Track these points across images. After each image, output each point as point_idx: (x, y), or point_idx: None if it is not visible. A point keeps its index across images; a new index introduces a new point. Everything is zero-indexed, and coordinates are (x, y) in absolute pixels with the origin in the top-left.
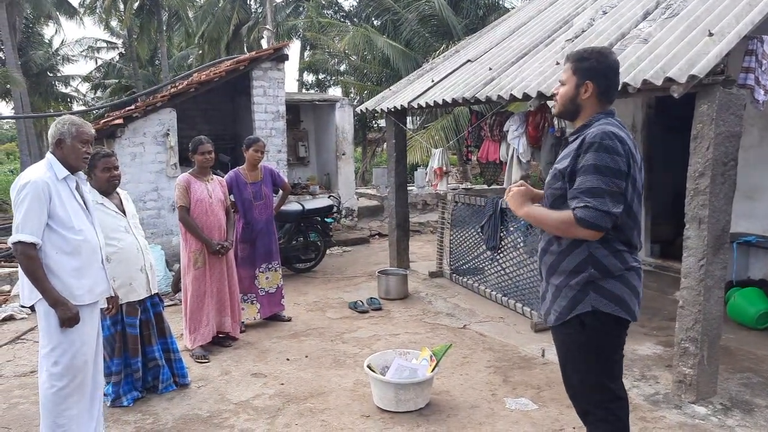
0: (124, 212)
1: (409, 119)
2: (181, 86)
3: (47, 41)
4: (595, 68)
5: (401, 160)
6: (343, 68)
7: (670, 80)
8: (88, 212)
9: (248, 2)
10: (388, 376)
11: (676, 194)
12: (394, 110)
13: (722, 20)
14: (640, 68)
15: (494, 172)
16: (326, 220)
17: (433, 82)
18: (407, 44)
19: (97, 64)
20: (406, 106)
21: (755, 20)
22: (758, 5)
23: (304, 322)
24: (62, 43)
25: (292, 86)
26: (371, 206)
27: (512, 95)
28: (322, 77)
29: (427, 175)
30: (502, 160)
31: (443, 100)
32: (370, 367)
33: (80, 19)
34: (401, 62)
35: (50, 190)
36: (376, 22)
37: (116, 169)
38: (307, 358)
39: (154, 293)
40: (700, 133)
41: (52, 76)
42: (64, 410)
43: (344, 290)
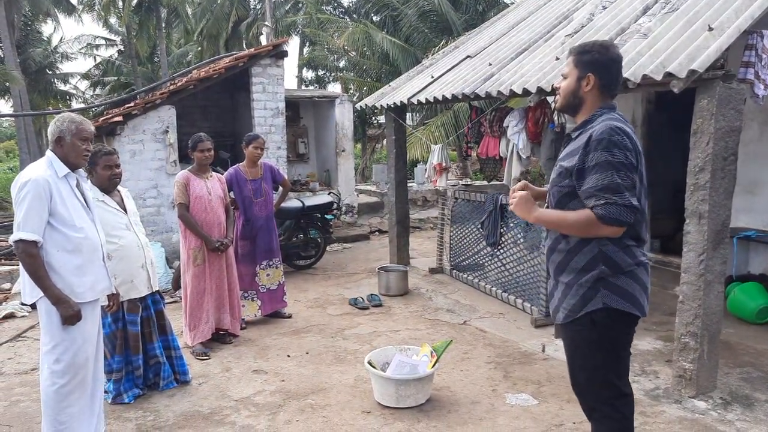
0: (125, 209)
1: (408, 115)
2: (180, 83)
3: (46, 39)
4: (597, 60)
5: (401, 156)
6: (342, 64)
7: (670, 75)
8: (88, 210)
9: None
10: (388, 372)
11: (676, 189)
12: (393, 106)
13: (722, 15)
14: (640, 63)
15: (494, 167)
16: (326, 216)
17: (432, 78)
18: (407, 40)
19: (96, 61)
20: (405, 102)
21: (755, 15)
22: (758, 0)
23: (304, 318)
24: (61, 40)
25: (291, 83)
26: (371, 203)
27: (512, 91)
28: (321, 73)
29: (426, 171)
30: (502, 155)
31: (443, 96)
32: (370, 363)
33: (79, 16)
34: (401, 58)
35: (51, 188)
36: (375, 17)
37: (118, 167)
38: (307, 354)
39: (155, 290)
40: (700, 128)
41: (51, 73)
42: (65, 407)
43: (344, 287)
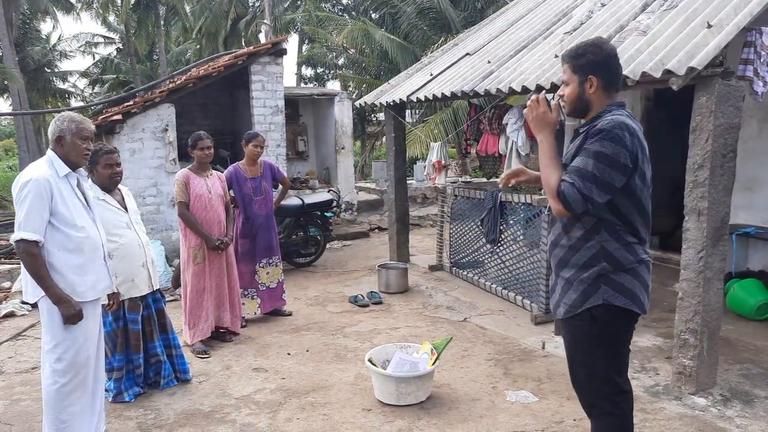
0: (125, 208)
1: (408, 113)
2: (179, 81)
3: (44, 37)
4: (594, 61)
5: (400, 153)
6: (341, 62)
7: (669, 72)
8: (89, 209)
9: None
10: (389, 369)
11: (675, 186)
12: (393, 104)
13: (721, 12)
14: (639, 60)
15: (493, 165)
16: (326, 214)
17: (431, 75)
18: (406, 37)
19: (94, 59)
20: (405, 99)
21: (754, 12)
22: None
23: (304, 316)
24: (59, 38)
25: (290, 80)
26: (371, 200)
27: (511, 88)
28: (320, 71)
29: (426, 168)
30: (501, 153)
31: (442, 93)
32: (371, 360)
33: (77, 14)
34: (400, 56)
35: (52, 187)
36: (374, 15)
37: (118, 165)
38: (308, 352)
39: (155, 289)
40: (699, 125)
41: (49, 72)
42: (66, 406)
43: (344, 284)
